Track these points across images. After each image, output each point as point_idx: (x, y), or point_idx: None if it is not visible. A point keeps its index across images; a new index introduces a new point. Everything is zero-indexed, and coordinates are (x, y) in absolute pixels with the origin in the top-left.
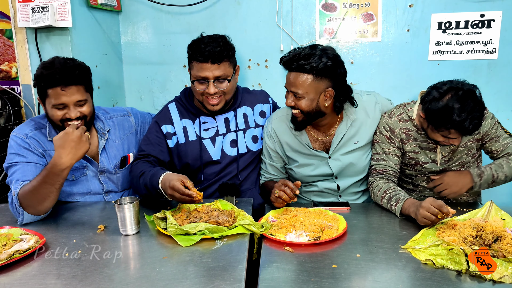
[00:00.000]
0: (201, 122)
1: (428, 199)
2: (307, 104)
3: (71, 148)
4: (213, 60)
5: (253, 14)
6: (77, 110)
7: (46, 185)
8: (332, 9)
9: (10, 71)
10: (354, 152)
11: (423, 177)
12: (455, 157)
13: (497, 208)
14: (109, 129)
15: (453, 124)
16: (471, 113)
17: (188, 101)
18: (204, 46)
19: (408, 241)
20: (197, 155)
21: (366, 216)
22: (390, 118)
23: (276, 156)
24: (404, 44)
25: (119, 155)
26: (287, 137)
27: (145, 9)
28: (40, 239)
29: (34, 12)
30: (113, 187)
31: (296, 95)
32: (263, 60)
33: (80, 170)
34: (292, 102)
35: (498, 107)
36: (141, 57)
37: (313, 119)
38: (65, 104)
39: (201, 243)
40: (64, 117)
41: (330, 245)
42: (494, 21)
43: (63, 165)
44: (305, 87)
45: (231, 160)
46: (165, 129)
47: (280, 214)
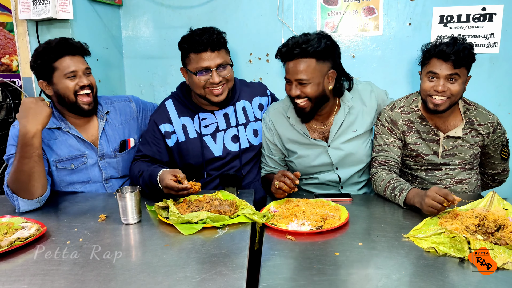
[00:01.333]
0: (200, 118)
1: (433, 187)
2: (313, 89)
3: (31, 115)
4: (212, 47)
5: (254, 7)
6: (87, 78)
7: (24, 160)
8: (333, 3)
9: (11, 64)
10: (353, 141)
11: (422, 169)
12: (457, 152)
13: (499, 198)
14: (107, 111)
15: (434, 50)
16: (455, 43)
17: (185, 97)
18: (199, 37)
19: (410, 230)
20: (198, 153)
21: (368, 207)
22: (391, 111)
23: (275, 149)
24: (406, 38)
25: (119, 138)
26: (285, 128)
27: (146, 3)
28: (41, 227)
29: (35, 5)
30: (113, 172)
31: (302, 83)
32: (264, 54)
33: (80, 159)
34: (298, 91)
35: (500, 101)
36: (141, 51)
37: (319, 105)
38: (76, 72)
39: (202, 231)
40: (78, 86)
41: (332, 234)
42: (496, 14)
43: (30, 133)
44: (310, 71)
45: (233, 156)
46: (163, 128)
47: (282, 204)
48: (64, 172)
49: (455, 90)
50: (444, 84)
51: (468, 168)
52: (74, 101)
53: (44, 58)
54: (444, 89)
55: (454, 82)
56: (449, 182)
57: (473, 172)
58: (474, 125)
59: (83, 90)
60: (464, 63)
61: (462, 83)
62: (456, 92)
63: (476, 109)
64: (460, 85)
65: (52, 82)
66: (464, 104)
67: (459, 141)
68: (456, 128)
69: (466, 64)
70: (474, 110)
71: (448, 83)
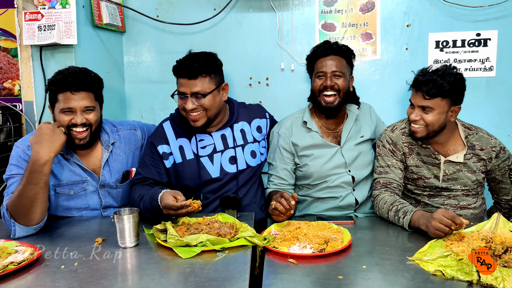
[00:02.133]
0: (197, 139)
1: (439, 210)
2: (344, 83)
3: (46, 141)
4: (190, 75)
5: (254, 33)
6: (84, 117)
7: (30, 186)
8: (331, 29)
9: (13, 89)
10: (362, 144)
11: (425, 194)
12: (458, 177)
13: (505, 220)
14: (113, 141)
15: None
16: (432, 73)
17: (183, 118)
18: (184, 62)
19: (416, 253)
20: (195, 174)
21: (371, 229)
22: (392, 132)
23: (288, 157)
24: (403, 62)
25: (122, 169)
26: (301, 137)
27: (148, 30)
28: (35, 251)
29: (40, 31)
30: (112, 202)
31: (336, 74)
32: (264, 78)
33: (80, 185)
34: (332, 82)
35: (498, 124)
36: (143, 75)
37: (344, 102)
38: (73, 109)
39: (202, 255)
40: (71, 122)
41: (335, 257)
42: (490, 39)
43: (42, 160)
44: (343, 67)
45: (230, 177)
46: (161, 149)
47: (283, 227)
48: (63, 197)
49: (429, 120)
50: (417, 113)
51: (472, 194)
52: (68, 133)
53: (51, 88)
54: (416, 118)
55: (428, 112)
56: (453, 207)
57: (477, 197)
58: (475, 150)
59: (76, 128)
60: (440, 94)
61: (439, 114)
62: (431, 122)
63: (477, 134)
64: (436, 115)
65: (54, 111)
66: (465, 129)
67: (460, 166)
68: (457, 153)
69: (444, 95)
70: (476, 135)
71: (423, 113)
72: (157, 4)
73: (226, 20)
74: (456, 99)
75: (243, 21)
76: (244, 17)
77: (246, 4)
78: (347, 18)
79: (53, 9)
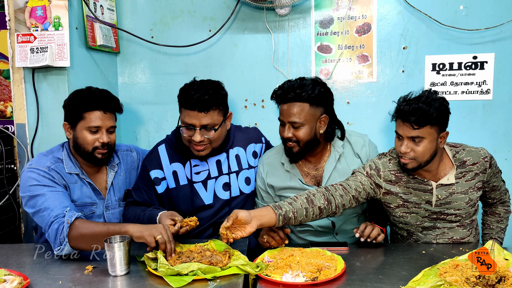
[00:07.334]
0: (192, 165)
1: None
2: (305, 132)
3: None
4: (200, 108)
5: (250, 55)
6: (108, 136)
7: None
8: (327, 51)
9: (5, 111)
10: None
11: (419, 229)
12: (452, 200)
13: (500, 248)
14: (118, 162)
15: (398, 108)
16: (418, 100)
17: (178, 142)
18: (193, 93)
19: (409, 282)
20: (188, 200)
21: (365, 256)
22: (379, 159)
23: (266, 196)
24: (400, 84)
25: (123, 188)
26: (278, 177)
27: (143, 51)
28: (24, 280)
29: (33, 53)
30: None
31: (294, 125)
32: (260, 100)
33: (89, 207)
34: (290, 134)
35: (495, 147)
36: (137, 97)
37: (309, 148)
38: (100, 128)
39: (193, 284)
40: (97, 142)
41: (328, 286)
42: (487, 62)
43: (128, 232)
44: (303, 115)
45: (223, 204)
46: (153, 175)
47: (276, 254)
48: None
49: (420, 152)
50: (407, 145)
51: (467, 222)
52: (90, 151)
53: (77, 106)
54: (406, 150)
55: (418, 143)
56: (446, 241)
57: (471, 227)
58: (467, 166)
59: (102, 148)
60: (428, 122)
61: (430, 142)
62: (421, 153)
63: (465, 149)
64: (428, 144)
65: (75, 129)
66: (451, 148)
67: (453, 188)
68: (447, 175)
69: (433, 122)
70: (463, 151)
71: (413, 144)
72: (152, 25)
73: (222, 42)
74: (444, 125)
75: (239, 42)
76: (239, 38)
77: (241, 25)
78: (343, 40)
79: (46, 31)
